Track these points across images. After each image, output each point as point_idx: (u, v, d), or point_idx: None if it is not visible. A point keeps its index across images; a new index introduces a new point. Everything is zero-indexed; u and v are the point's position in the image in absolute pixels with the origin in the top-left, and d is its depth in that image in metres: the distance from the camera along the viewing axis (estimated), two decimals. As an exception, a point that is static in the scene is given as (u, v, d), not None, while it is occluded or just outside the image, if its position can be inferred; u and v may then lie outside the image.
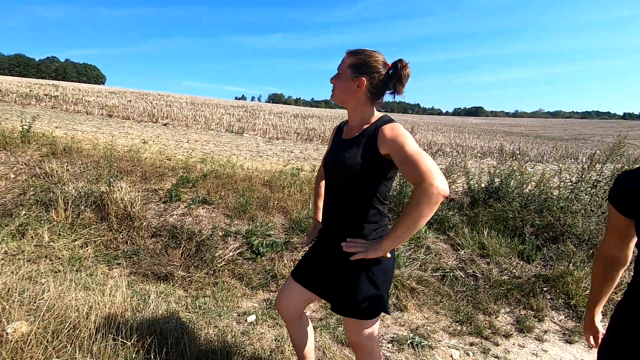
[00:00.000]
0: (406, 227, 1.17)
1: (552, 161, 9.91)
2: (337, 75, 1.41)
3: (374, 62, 1.35)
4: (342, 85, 1.39)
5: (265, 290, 2.93)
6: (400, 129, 1.29)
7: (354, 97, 1.38)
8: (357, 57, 1.36)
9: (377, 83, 1.36)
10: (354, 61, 1.36)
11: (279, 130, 14.24)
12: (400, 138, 1.25)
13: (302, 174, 5.08)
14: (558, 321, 2.82)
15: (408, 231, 1.18)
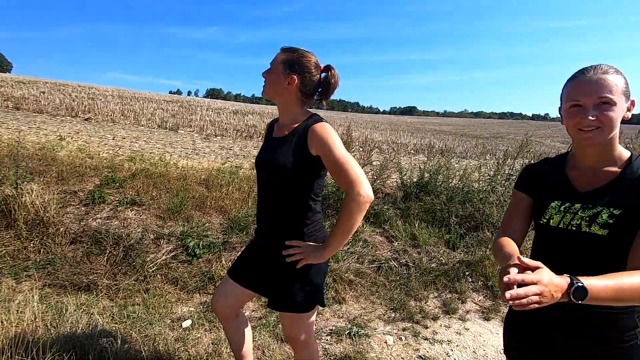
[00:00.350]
0: (342, 235, 1.29)
1: (474, 157, 10.93)
2: (269, 69, 1.41)
3: (307, 62, 1.37)
4: (273, 80, 1.39)
5: (202, 293, 2.82)
6: (329, 130, 1.32)
7: (284, 94, 1.39)
8: (291, 55, 1.37)
9: (308, 83, 1.38)
10: (287, 58, 1.37)
11: (217, 127, 13.72)
12: (329, 142, 1.29)
13: (241, 172, 4.96)
14: (478, 301, 3.13)
15: (345, 237, 1.30)
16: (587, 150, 1.01)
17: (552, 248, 1.03)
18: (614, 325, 0.95)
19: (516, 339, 1.13)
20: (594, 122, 0.93)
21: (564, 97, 1.01)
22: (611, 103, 0.93)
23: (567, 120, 0.99)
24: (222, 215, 3.67)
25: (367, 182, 1.25)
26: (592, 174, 1.01)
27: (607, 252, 0.94)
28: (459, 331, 2.68)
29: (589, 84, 0.94)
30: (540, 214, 1.05)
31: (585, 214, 0.96)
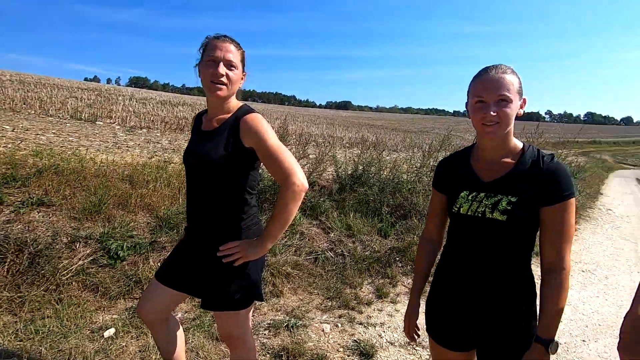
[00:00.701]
0: (279, 226, 1.27)
1: (403, 150, 11.64)
2: (231, 68, 1.31)
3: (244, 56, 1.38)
4: (236, 79, 1.34)
5: (128, 298, 2.60)
6: (261, 121, 1.30)
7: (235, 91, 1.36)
8: (242, 52, 1.36)
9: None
10: (243, 56, 1.36)
11: (142, 119, 12.66)
12: (262, 133, 1.27)
13: (170, 167, 4.65)
14: (407, 284, 3.37)
15: (282, 228, 1.28)
16: (488, 143, 1.11)
17: (463, 233, 1.14)
18: (510, 299, 1.09)
19: (435, 318, 1.24)
20: (494, 118, 1.03)
21: (470, 93, 1.11)
22: (508, 100, 1.03)
23: (473, 116, 1.08)
24: (149, 214, 3.41)
25: (302, 171, 1.26)
26: (493, 165, 1.12)
27: (507, 235, 1.07)
28: (391, 313, 2.86)
29: (491, 82, 1.03)
30: (452, 203, 1.15)
31: (488, 202, 1.06)
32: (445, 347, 1.21)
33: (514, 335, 1.10)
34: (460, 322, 1.16)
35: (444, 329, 1.21)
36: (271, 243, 1.30)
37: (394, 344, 2.47)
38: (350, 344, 2.41)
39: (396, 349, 2.42)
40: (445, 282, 1.20)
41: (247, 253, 1.28)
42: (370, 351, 2.31)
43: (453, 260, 1.18)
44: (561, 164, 1.07)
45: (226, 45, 1.29)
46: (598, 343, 2.71)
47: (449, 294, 1.18)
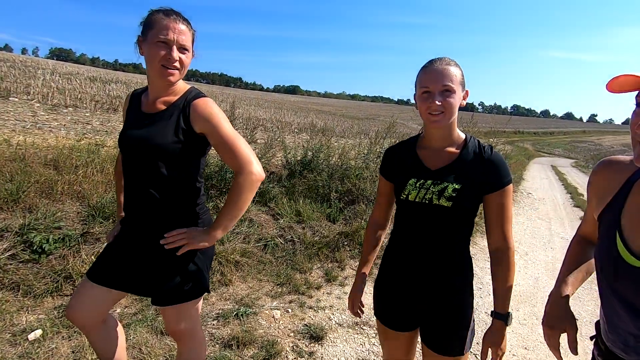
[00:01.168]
0: (233, 216, 1.21)
1: (351, 136, 11.88)
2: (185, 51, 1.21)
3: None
4: (188, 63, 1.23)
5: (56, 296, 2.37)
6: (213, 106, 1.22)
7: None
8: (193, 32, 1.25)
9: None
10: (193, 36, 1.24)
11: (68, 96, 11.35)
12: (215, 119, 1.20)
13: (103, 151, 4.25)
14: (354, 267, 3.49)
15: (236, 218, 1.23)
16: (434, 132, 1.17)
17: (411, 219, 1.20)
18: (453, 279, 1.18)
19: (383, 300, 1.30)
20: (439, 107, 1.08)
21: (417, 84, 1.15)
22: (452, 90, 1.09)
23: (420, 105, 1.13)
24: (79, 202, 3.10)
25: (257, 160, 1.22)
26: (438, 153, 1.18)
27: (451, 220, 1.15)
28: (339, 296, 2.95)
29: (436, 73, 1.09)
30: (400, 190, 1.19)
31: (435, 189, 1.12)
32: (392, 328, 1.28)
33: (458, 311, 1.19)
34: (406, 303, 1.23)
35: (392, 311, 1.27)
36: (222, 233, 1.24)
37: (343, 325, 2.56)
38: (301, 328, 2.45)
39: (345, 330, 2.51)
40: (393, 265, 1.26)
41: (194, 241, 1.21)
42: (320, 334, 2.37)
43: (400, 245, 1.23)
44: (499, 154, 1.16)
45: (179, 26, 1.17)
46: (519, 312, 3.06)
47: (396, 277, 1.24)
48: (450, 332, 1.19)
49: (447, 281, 1.17)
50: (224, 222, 1.21)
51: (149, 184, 1.23)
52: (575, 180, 13.30)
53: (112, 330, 1.42)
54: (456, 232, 1.16)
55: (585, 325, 2.94)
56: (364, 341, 2.41)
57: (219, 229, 1.22)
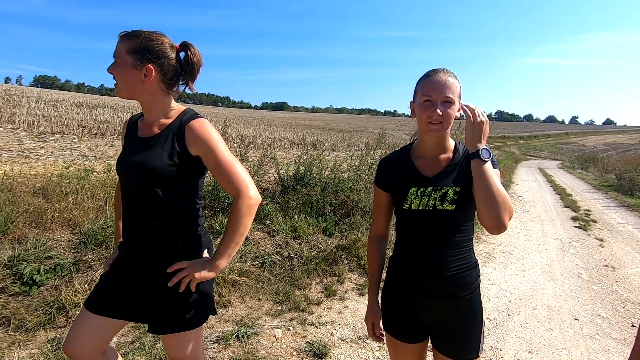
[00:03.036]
0: (236, 242, 1.18)
1: (341, 149, 11.97)
2: (114, 64, 1.18)
3: (159, 45, 1.18)
4: (124, 76, 1.17)
5: (49, 328, 2.29)
6: (209, 128, 1.20)
7: (144, 89, 1.19)
8: (136, 41, 1.16)
9: (167, 70, 1.20)
10: (132, 46, 1.15)
11: (54, 123, 11.25)
12: (211, 142, 1.18)
13: (93, 176, 4.20)
14: (354, 280, 3.46)
15: (238, 244, 1.19)
16: (430, 141, 1.19)
17: (415, 228, 1.19)
18: (464, 280, 1.18)
19: (392, 313, 1.28)
20: (439, 117, 1.11)
21: (419, 92, 1.16)
22: (452, 102, 1.12)
23: (420, 114, 1.14)
24: (70, 230, 3.04)
25: (253, 183, 1.20)
26: (433, 160, 1.20)
27: (455, 223, 1.16)
28: (340, 310, 2.91)
29: (439, 84, 1.11)
30: (401, 201, 1.19)
31: (437, 195, 1.14)
32: (404, 341, 1.25)
33: (471, 311, 1.20)
34: (418, 313, 1.22)
35: (402, 324, 1.25)
36: (226, 261, 1.19)
37: (346, 340, 2.52)
38: (303, 346, 2.40)
39: (348, 345, 2.47)
40: (400, 277, 1.24)
41: (198, 272, 1.16)
42: (324, 350, 2.33)
43: (407, 255, 1.22)
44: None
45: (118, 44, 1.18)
46: (520, 315, 3.06)
47: (405, 288, 1.22)
48: (466, 335, 1.19)
49: (458, 283, 1.17)
50: (227, 250, 1.18)
51: (146, 208, 1.21)
52: (563, 181, 13.55)
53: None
54: (461, 234, 1.18)
55: (586, 325, 2.95)
56: (368, 355, 2.38)
57: (223, 258, 1.18)
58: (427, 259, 1.17)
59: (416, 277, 1.20)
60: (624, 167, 13.39)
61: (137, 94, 1.21)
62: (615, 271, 4.23)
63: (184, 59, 1.25)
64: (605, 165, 17.58)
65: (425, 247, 1.17)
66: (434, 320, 1.22)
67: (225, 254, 1.18)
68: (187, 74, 1.26)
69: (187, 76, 1.26)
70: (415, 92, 1.19)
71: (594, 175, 16.01)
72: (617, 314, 3.18)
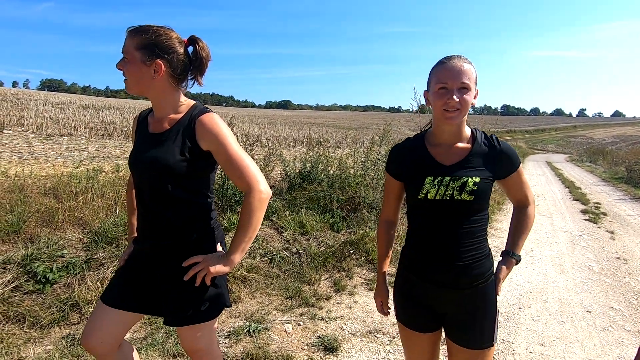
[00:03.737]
0: (250, 237, 1.19)
1: (347, 146, 11.95)
2: (123, 60, 1.18)
3: (167, 40, 1.18)
4: (133, 72, 1.17)
5: (64, 325, 2.32)
6: (219, 122, 1.21)
7: (154, 85, 1.19)
8: (145, 36, 1.16)
9: (177, 65, 1.20)
10: (141, 41, 1.15)
11: (62, 125, 11.38)
12: (222, 137, 1.18)
13: (102, 176, 4.24)
14: (362, 275, 3.46)
15: (251, 239, 1.20)
16: (446, 129, 1.16)
17: (431, 217, 1.17)
18: (478, 270, 1.17)
19: (406, 303, 1.27)
20: (456, 104, 1.09)
21: (433, 80, 1.14)
22: (468, 88, 1.10)
23: (436, 101, 1.12)
24: (81, 229, 3.08)
25: (264, 177, 1.20)
26: (449, 149, 1.18)
27: (472, 213, 1.15)
28: (350, 305, 2.91)
29: (454, 70, 1.09)
30: (417, 190, 1.16)
31: (455, 185, 1.12)
32: (419, 330, 1.25)
33: (486, 299, 1.19)
34: (432, 302, 1.21)
35: (417, 313, 1.25)
36: (240, 256, 1.19)
37: (356, 335, 2.52)
38: (314, 340, 2.41)
39: (358, 339, 2.47)
40: (415, 266, 1.23)
41: (213, 267, 1.17)
42: (334, 345, 2.33)
43: (421, 246, 1.21)
44: (507, 143, 1.22)
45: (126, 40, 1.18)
46: (531, 309, 3.04)
47: (420, 277, 1.21)
48: (479, 324, 1.18)
49: (472, 272, 1.16)
50: (240, 244, 1.18)
51: (160, 203, 1.22)
52: (571, 175, 13.40)
53: (129, 356, 1.38)
54: (477, 223, 1.17)
55: (598, 317, 2.92)
56: (378, 349, 2.38)
57: (237, 252, 1.18)
58: (441, 249, 1.16)
59: (430, 267, 1.19)
60: (634, 159, 13.19)
61: (146, 89, 1.21)
62: (628, 263, 4.17)
63: (192, 54, 1.25)
64: (615, 157, 17.33)
65: (440, 237, 1.16)
66: (448, 310, 1.21)
67: (239, 249, 1.18)
68: (195, 68, 1.26)
69: (196, 71, 1.26)
70: (429, 80, 1.17)
71: (603, 168, 15.80)
72: (631, 306, 3.14)
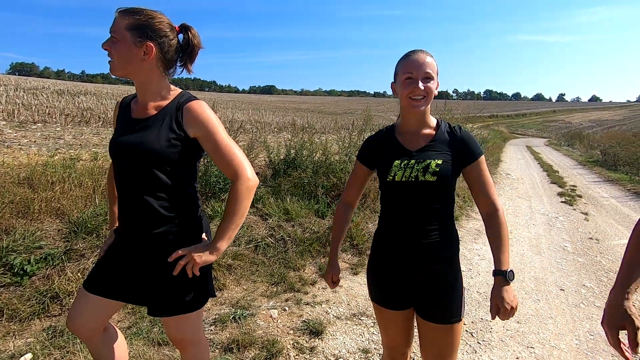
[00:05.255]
0: (236, 224, 1.18)
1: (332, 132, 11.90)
2: (112, 39, 1.14)
3: (159, 24, 1.16)
4: (122, 52, 1.13)
5: (44, 317, 2.28)
6: (207, 110, 1.19)
7: (142, 68, 1.16)
8: (137, 17, 1.13)
9: (167, 49, 1.18)
10: (133, 22, 1.12)
11: (35, 112, 10.90)
12: (210, 124, 1.17)
13: (79, 165, 4.11)
14: (347, 260, 3.51)
15: (238, 226, 1.19)
16: (413, 117, 1.26)
17: (399, 199, 1.26)
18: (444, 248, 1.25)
19: (379, 283, 1.35)
20: (422, 92, 1.19)
21: (400, 71, 1.24)
22: (432, 78, 1.20)
23: (402, 91, 1.22)
24: (59, 219, 3.00)
25: (251, 165, 1.20)
26: (415, 136, 1.28)
27: (436, 193, 1.23)
28: (335, 289, 2.96)
29: (419, 62, 1.20)
30: (386, 173, 1.26)
31: (419, 167, 1.21)
32: (390, 308, 1.32)
33: (453, 278, 1.27)
34: (402, 280, 1.28)
35: (388, 291, 1.31)
36: (226, 244, 1.19)
37: (341, 318, 2.58)
38: (300, 325, 2.45)
39: (343, 322, 2.53)
40: (385, 247, 1.31)
41: (199, 259, 1.16)
42: (320, 328, 2.38)
43: (391, 226, 1.29)
44: (468, 131, 1.30)
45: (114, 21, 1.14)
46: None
47: (391, 257, 1.29)
48: (449, 299, 1.25)
49: (440, 252, 1.24)
50: (227, 232, 1.17)
51: (144, 191, 1.19)
52: (550, 159, 13.80)
53: (114, 340, 1.39)
54: (442, 204, 1.25)
55: (571, 295, 3.06)
56: (363, 331, 2.44)
57: (224, 240, 1.18)
58: (409, 228, 1.24)
59: (399, 246, 1.27)
60: (608, 143, 13.69)
61: (133, 72, 1.18)
62: (600, 243, 4.37)
63: (183, 41, 1.24)
64: (591, 141, 17.92)
65: (408, 217, 1.24)
66: (417, 287, 1.27)
67: (226, 236, 1.18)
68: (186, 55, 1.25)
69: (186, 57, 1.25)
70: (396, 72, 1.27)
71: (580, 151, 16.33)
72: (601, 283, 3.31)
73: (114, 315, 1.40)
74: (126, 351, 1.45)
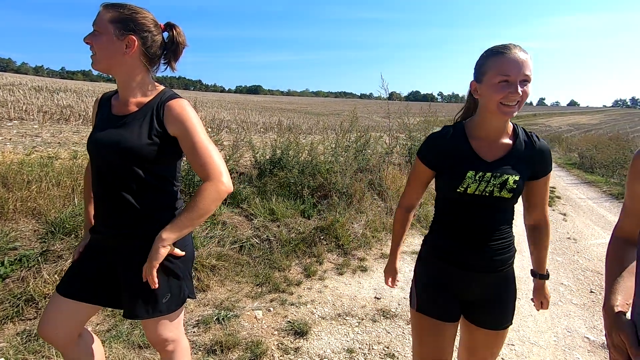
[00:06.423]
0: (191, 221, 1.13)
1: (318, 132, 11.90)
2: (94, 33, 1.12)
3: (143, 19, 1.15)
4: (104, 45, 1.11)
5: (18, 321, 2.20)
6: (188, 109, 1.17)
7: (124, 62, 1.14)
8: (121, 11, 1.12)
9: (150, 45, 1.16)
10: (116, 15, 1.11)
11: (11, 108, 10.51)
12: (190, 123, 1.15)
13: (57, 163, 3.98)
14: (332, 260, 3.51)
15: (192, 225, 1.14)
16: (494, 124, 1.13)
17: (466, 210, 1.18)
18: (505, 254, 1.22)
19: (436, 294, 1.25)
20: (519, 97, 1.04)
21: (491, 71, 1.07)
22: (529, 81, 1.06)
23: (493, 95, 1.06)
24: (35, 220, 2.90)
25: (227, 172, 1.17)
26: (492, 144, 1.16)
27: (506, 208, 1.20)
28: (320, 290, 2.96)
29: (517, 62, 1.03)
30: (456, 183, 1.14)
31: (496, 182, 1.13)
32: (443, 320, 1.22)
33: (512, 283, 1.28)
34: (459, 291, 1.24)
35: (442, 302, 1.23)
36: (175, 236, 1.12)
37: (326, 318, 2.57)
38: (284, 325, 2.43)
39: (328, 322, 2.53)
40: (447, 257, 1.23)
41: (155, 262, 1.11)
42: (304, 329, 2.37)
43: (455, 234, 1.21)
44: (545, 142, 1.20)
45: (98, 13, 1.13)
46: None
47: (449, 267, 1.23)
48: (504, 304, 1.26)
49: (501, 256, 1.21)
50: (178, 224, 1.11)
51: (122, 189, 1.16)
52: (530, 161, 14.12)
53: (90, 346, 1.33)
54: (509, 214, 1.23)
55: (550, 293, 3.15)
56: (347, 331, 2.44)
57: (173, 232, 1.11)
58: (475, 237, 1.19)
59: (462, 253, 1.20)
60: (585, 146, 14.13)
61: (115, 66, 1.15)
62: (577, 243, 4.51)
63: (168, 39, 1.22)
64: (569, 144, 18.48)
65: (475, 227, 1.18)
66: (476, 295, 1.23)
67: (177, 228, 1.12)
68: (170, 52, 1.23)
69: (171, 55, 1.23)
70: (484, 71, 1.10)
71: (559, 154, 16.81)
72: (578, 282, 3.41)
73: (91, 318, 1.36)
74: (103, 356, 1.41)
